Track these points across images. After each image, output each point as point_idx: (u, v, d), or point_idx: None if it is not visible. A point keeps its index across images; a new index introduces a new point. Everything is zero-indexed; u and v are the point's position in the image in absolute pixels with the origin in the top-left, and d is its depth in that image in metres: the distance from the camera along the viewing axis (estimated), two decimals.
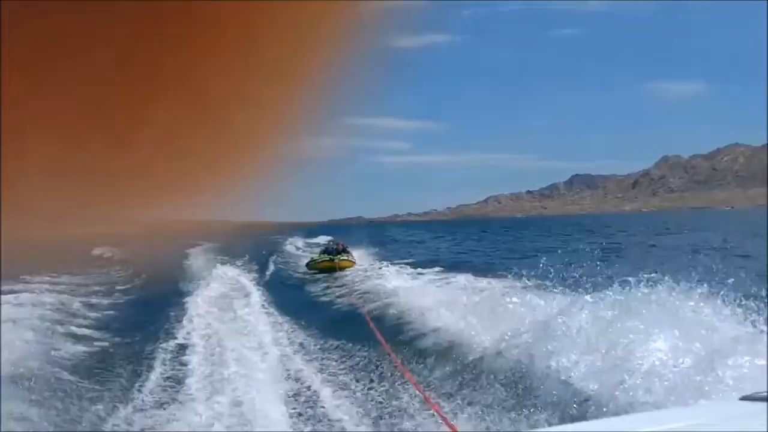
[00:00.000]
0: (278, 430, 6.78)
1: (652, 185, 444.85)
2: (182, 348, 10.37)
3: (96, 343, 11.24)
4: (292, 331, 12.21)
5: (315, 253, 25.82)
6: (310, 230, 60.46)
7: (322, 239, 40.43)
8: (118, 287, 20.24)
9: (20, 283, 17.53)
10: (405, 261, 24.84)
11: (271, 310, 14.93)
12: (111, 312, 15.17)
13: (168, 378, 8.78)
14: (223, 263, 25.86)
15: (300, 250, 37.91)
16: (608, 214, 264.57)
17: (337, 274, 21.18)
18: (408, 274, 19.28)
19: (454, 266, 21.79)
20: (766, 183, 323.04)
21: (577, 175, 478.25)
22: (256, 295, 17.02)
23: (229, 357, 9.62)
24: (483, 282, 15.00)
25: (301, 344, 11.10)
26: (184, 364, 9.36)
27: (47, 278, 19.62)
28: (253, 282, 20.57)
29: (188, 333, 11.51)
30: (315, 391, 8.16)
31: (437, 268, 20.71)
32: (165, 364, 9.45)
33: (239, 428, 6.70)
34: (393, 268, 20.68)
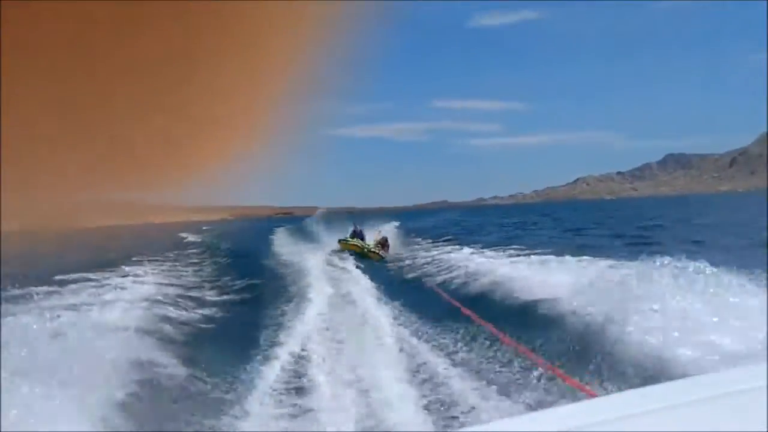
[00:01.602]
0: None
1: (750, 163, 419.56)
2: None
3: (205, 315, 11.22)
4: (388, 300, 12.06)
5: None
6: (388, 215, 60.59)
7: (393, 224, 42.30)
8: (208, 266, 21.12)
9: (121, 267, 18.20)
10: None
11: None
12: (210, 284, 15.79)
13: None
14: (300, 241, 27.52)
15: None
16: (699, 194, 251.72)
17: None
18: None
19: None
20: None
21: (671, 154, 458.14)
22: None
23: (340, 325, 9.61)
24: None
25: (400, 311, 10.85)
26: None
27: (146, 262, 20.24)
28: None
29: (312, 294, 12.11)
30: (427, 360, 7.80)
31: None
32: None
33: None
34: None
